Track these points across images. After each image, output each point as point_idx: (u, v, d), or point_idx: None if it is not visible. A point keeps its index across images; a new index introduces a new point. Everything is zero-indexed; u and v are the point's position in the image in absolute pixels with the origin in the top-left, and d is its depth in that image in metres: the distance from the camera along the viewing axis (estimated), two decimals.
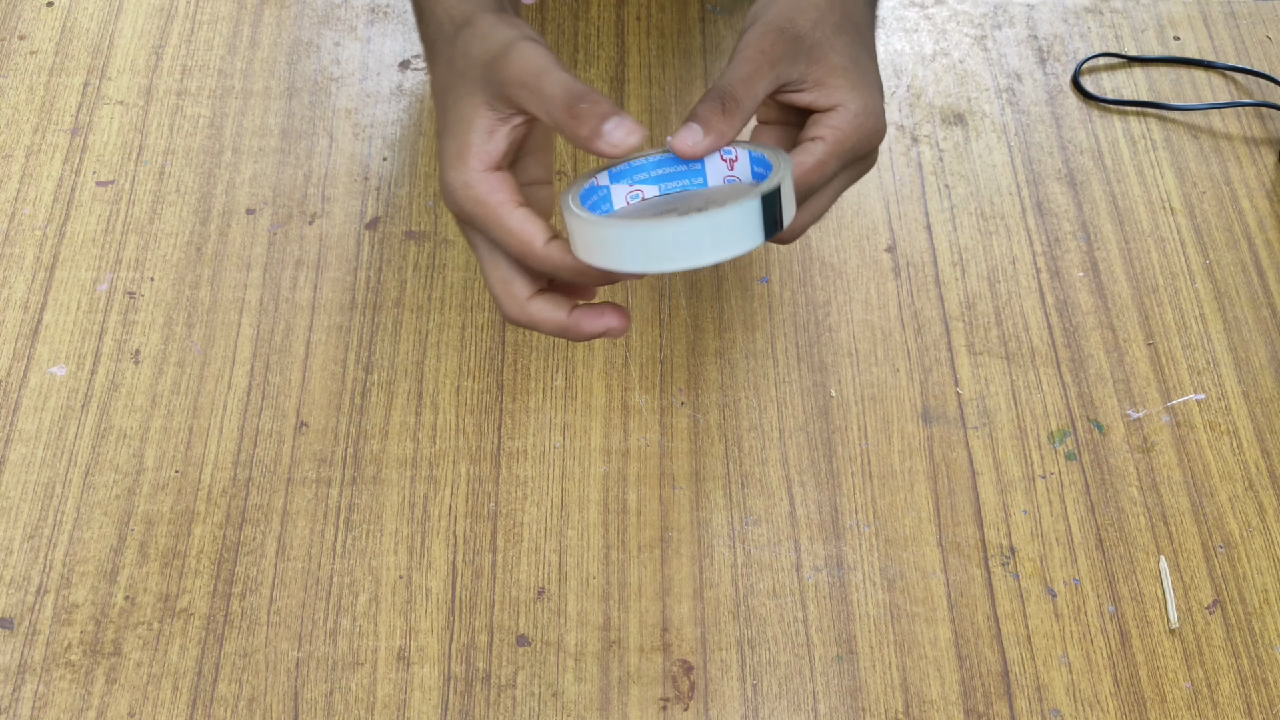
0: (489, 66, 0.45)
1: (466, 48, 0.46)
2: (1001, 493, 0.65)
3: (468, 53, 0.46)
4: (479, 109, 0.45)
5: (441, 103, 0.47)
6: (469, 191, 0.45)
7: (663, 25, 0.82)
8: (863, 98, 0.47)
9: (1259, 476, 0.66)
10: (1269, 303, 0.72)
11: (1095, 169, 0.77)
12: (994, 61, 0.82)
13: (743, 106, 0.45)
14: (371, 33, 0.80)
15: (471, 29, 0.47)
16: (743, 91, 0.45)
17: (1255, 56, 0.83)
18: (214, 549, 0.61)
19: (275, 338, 0.67)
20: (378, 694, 0.57)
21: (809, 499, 0.64)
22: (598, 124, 0.42)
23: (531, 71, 0.43)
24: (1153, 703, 0.59)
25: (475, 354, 0.67)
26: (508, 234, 0.45)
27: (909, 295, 0.71)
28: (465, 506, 0.63)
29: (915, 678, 0.59)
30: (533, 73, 0.43)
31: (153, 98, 0.76)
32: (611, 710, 0.58)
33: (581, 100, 0.42)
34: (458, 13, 0.48)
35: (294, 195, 0.72)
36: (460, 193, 0.45)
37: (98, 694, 0.57)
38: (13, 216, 0.71)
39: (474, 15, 0.47)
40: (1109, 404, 0.68)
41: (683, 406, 0.66)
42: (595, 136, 0.42)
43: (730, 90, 0.45)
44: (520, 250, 0.45)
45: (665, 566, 0.62)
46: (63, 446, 0.63)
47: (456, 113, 0.46)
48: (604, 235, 0.42)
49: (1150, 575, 0.63)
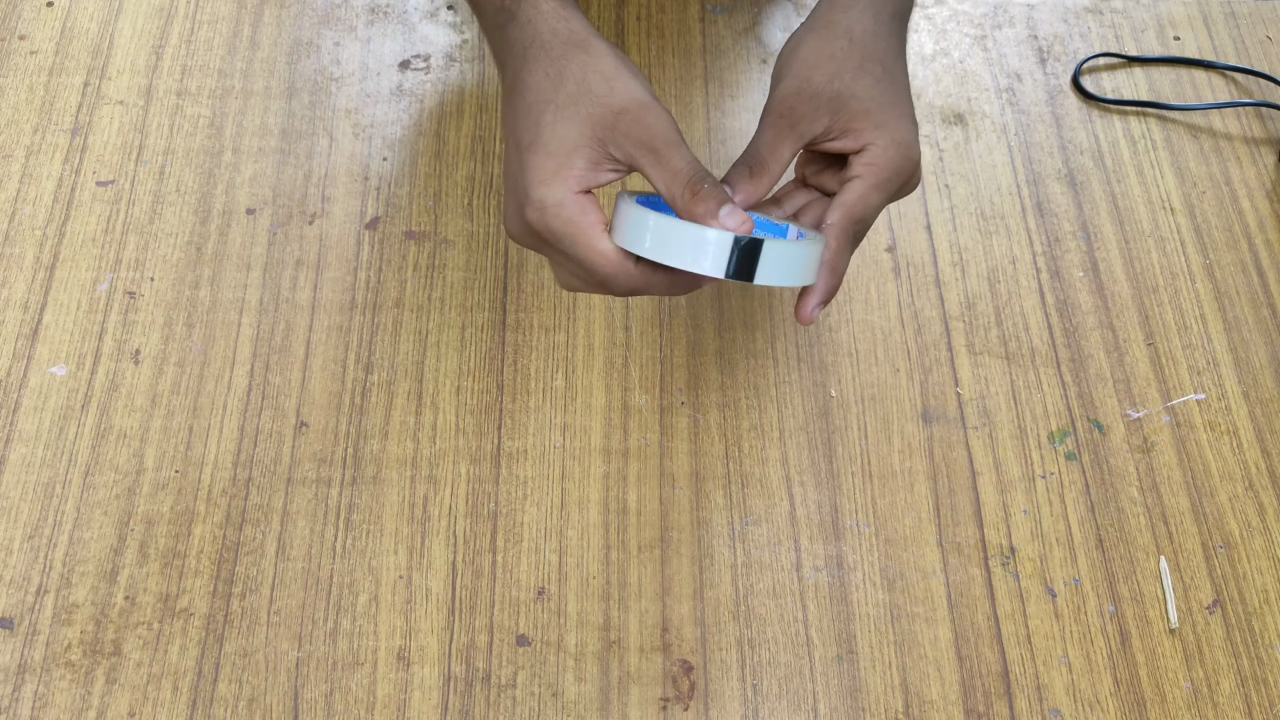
0: (618, 116, 0.46)
1: (584, 78, 0.47)
2: (1001, 493, 0.65)
3: (585, 83, 0.47)
4: (588, 139, 0.46)
5: (536, 114, 0.47)
6: (560, 211, 0.46)
7: (663, 25, 0.82)
8: (889, 133, 0.50)
9: (1259, 476, 0.66)
10: (1269, 303, 0.72)
11: (1095, 169, 0.77)
12: (994, 61, 0.82)
13: (770, 170, 0.49)
14: (371, 33, 0.80)
15: (588, 58, 0.47)
16: (769, 156, 0.49)
17: (1255, 56, 0.83)
18: (214, 549, 0.61)
19: (275, 338, 0.67)
20: (378, 694, 0.57)
21: (809, 499, 0.64)
22: (715, 206, 0.45)
23: (662, 140, 0.46)
24: (1153, 703, 0.59)
25: (475, 354, 0.67)
26: (598, 254, 0.46)
27: (909, 295, 0.71)
28: (465, 506, 0.63)
29: (915, 678, 0.59)
30: (663, 142, 0.46)
31: (153, 98, 0.76)
32: (611, 710, 0.58)
33: (704, 181, 0.46)
34: (563, 28, 0.49)
35: (294, 195, 0.72)
36: (551, 210, 0.46)
37: (98, 694, 0.57)
38: (13, 216, 0.71)
39: (587, 40, 0.48)
40: (1109, 404, 0.68)
41: (683, 406, 0.66)
42: (710, 216, 0.45)
43: (758, 156, 0.49)
44: (610, 270, 0.47)
45: (665, 566, 0.62)
46: (63, 446, 0.63)
47: (558, 132, 0.47)
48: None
49: (1150, 575, 0.63)
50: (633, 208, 0.46)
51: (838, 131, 0.50)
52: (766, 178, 0.49)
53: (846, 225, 0.49)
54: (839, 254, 0.49)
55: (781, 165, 0.50)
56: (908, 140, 0.50)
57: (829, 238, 0.49)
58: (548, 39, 0.48)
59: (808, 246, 0.46)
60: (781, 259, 0.45)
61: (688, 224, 0.45)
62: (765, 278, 0.45)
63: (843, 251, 0.49)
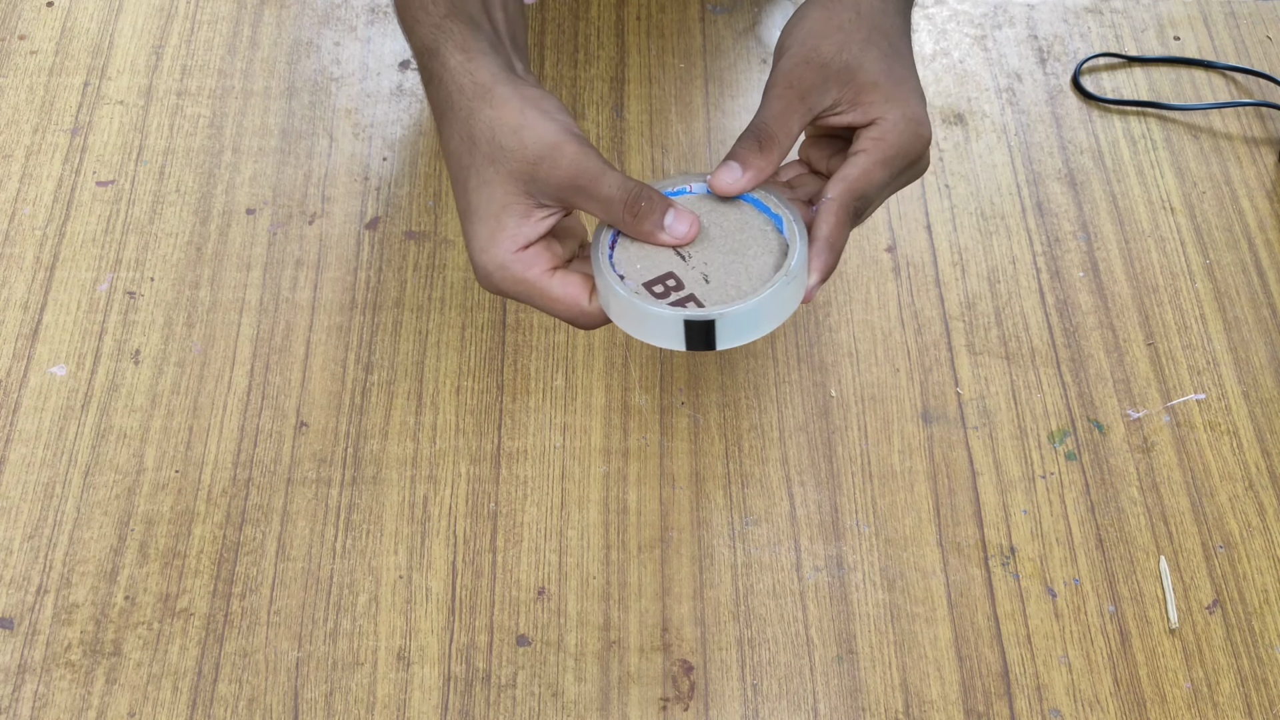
0: (534, 165, 0.45)
1: (492, 135, 0.46)
2: (1001, 493, 0.65)
3: (494, 140, 0.46)
4: (514, 195, 0.46)
5: (462, 182, 0.47)
6: (505, 273, 0.46)
7: (663, 25, 0.82)
8: (899, 107, 0.48)
9: (1259, 476, 0.66)
10: (1269, 303, 0.72)
11: (1095, 169, 0.77)
12: (994, 61, 0.82)
13: (778, 143, 0.48)
14: (371, 33, 0.80)
15: (493, 111, 0.46)
16: (777, 128, 0.48)
17: (1255, 56, 0.83)
18: (214, 549, 0.61)
19: (275, 338, 0.67)
20: (378, 694, 0.57)
21: (809, 499, 0.64)
22: (659, 218, 0.46)
23: (587, 175, 0.45)
24: (1153, 703, 0.59)
25: (475, 354, 0.67)
26: (554, 301, 0.47)
27: (909, 295, 0.71)
28: (465, 506, 0.63)
29: (915, 678, 0.59)
30: (589, 176, 0.45)
31: (153, 98, 0.76)
32: (611, 710, 0.58)
33: (640, 199, 0.45)
34: (467, 83, 0.47)
35: (294, 195, 0.72)
36: (496, 275, 0.47)
37: (98, 694, 0.57)
38: (13, 216, 0.71)
39: (489, 86, 0.47)
40: (1109, 404, 0.68)
41: (683, 406, 0.66)
42: (658, 230, 0.46)
43: (765, 128, 0.48)
44: (570, 313, 0.47)
45: (665, 566, 0.62)
46: (63, 446, 0.63)
47: (484, 196, 0.46)
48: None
49: (1150, 575, 0.63)
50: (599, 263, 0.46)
51: (846, 105, 0.49)
52: (776, 151, 0.47)
53: (847, 201, 0.47)
54: (837, 230, 0.47)
55: (790, 138, 0.48)
56: (919, 117, 0.49)
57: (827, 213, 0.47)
58: (456, 98, 0.47)
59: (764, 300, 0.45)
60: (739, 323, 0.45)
61: (642, 303, 0.45)
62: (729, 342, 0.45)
63: (841, 228, 0.47)
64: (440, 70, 0.48)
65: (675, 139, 0.77)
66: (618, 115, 0.77)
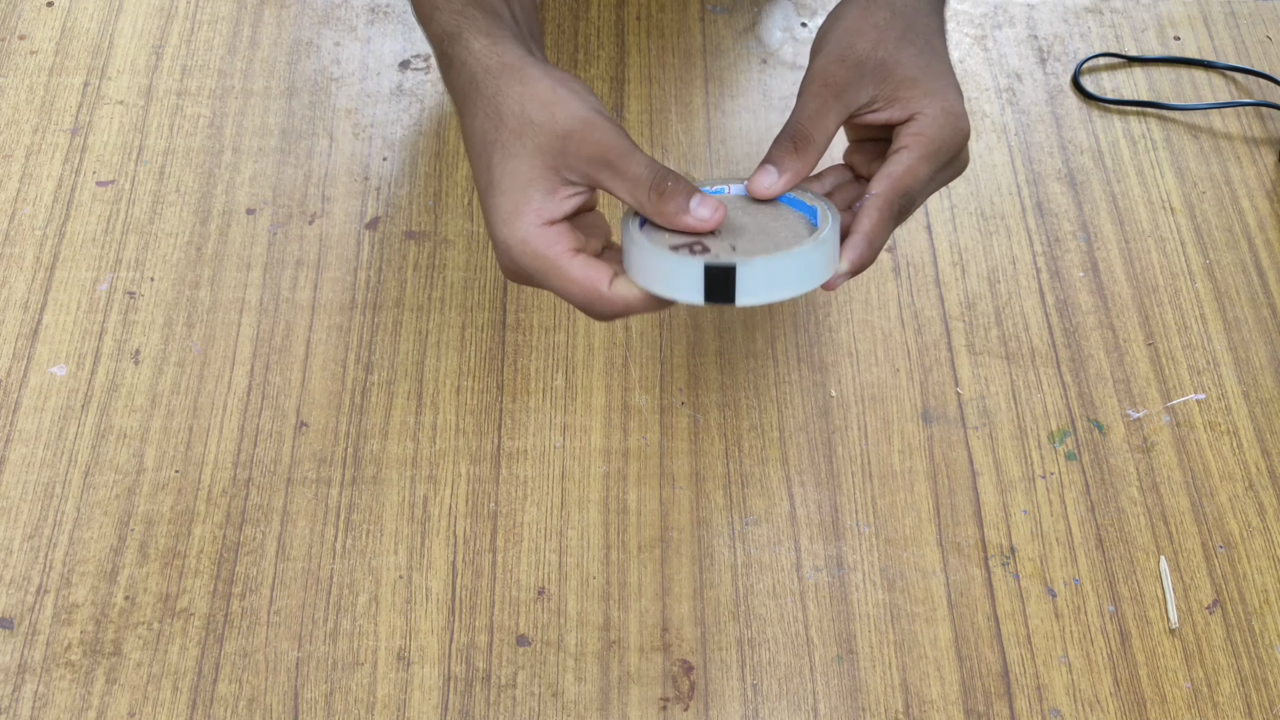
0: (564, 140, 0.45)
1: (522, 110, 0.46)
2: (1001, 493, 0.65)
3: (524, 115, 0.46)
4: (540, 170, 0.45)
5: (485, 157, 0.47)
6: (526, 248, 0.46)
7: (663, 25, 0.82)
8: (939, 101, 0.48)
9: (1259, 476, 0.66)
10: (1269, 303, 0.72)
11: (1095, 169, 0.77)
12: (994, 61, 0.82)
13: (814, 143, 0.47)
14: (371, 33, 0.80)
15: (523, 88, 0.46)
16: (813, 128, 0.47)
17: (1255, 56, 0.83)
18: (214, 549, 0.61)
19: (275, 338, 0.67)
20: (378, 694, 0.57)
21: (809, 499, 0.64)
22: (685, 201, 0.45)
23: (615, 152, 0.45)
24: (1153, 703, 0.59)
25: (475, 354, 0.67)
26: (571, 283, 0.46)
27: (909, 295, 0.71)
28: (465, 506, 0.63)
29: (915, 678, 0.59)
30: (616, 153, 0.45)
31: (153, 98, 0.76)
32: (611, 710, 0.58)
33: (666, 180, 0.45)
34: (494, 63, 0.47)
35: (294, 195, 0.73)
36: (516, 250, 0.46)
37: (98, 694, 0.57)
38: (13, 216, 0.71)
39: (518, 66, 0.47)
40: (1109, 404, 0.68)
41: (683, 406, 0.66)
42: (682, 211, 0.45)
43: (800, 128, 0.47)
44: (587, 297, 0.46)
45: (665, 566, 0.62)
46: (63, 446, 0.63)
47: (509, 169, 0.46)
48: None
49: (1150, 575, 0.63)
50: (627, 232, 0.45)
51: (883, 101, 0.48)
52: (812, 151, 0.47)
53: (892, 198, 0.47)
54: (879, 226, 0.46)
55: (826, 138, 0.47)
56: (958, 110, 0.48)
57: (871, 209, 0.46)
58: (481, 78, 0.47)
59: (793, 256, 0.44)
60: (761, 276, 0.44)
61: (661, 252, 0.44)
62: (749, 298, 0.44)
63: (884, 224, 0.46)
64: (464, 54, 0.48)
65: (675, 139, 0.77)
66: (618, 115, 0.77)
